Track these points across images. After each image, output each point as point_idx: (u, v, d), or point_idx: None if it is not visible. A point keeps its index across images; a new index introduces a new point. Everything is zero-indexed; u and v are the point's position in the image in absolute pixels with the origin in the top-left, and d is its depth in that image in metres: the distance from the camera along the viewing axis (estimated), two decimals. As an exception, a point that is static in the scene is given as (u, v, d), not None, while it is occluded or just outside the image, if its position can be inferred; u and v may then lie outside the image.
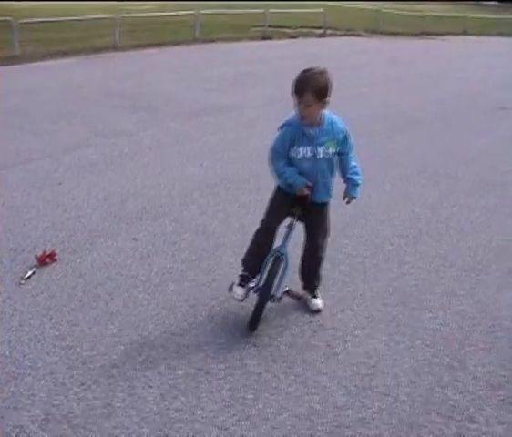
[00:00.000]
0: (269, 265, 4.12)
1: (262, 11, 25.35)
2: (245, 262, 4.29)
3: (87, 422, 3.25)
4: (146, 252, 5.30)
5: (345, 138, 4.10)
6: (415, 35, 29.07)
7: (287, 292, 4.38)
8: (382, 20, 29.70)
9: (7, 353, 3.81)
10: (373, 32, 28.39)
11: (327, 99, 3.92)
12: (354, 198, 4.26)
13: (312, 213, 4.20)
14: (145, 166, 7.63)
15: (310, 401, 3.52)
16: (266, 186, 6.94)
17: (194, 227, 5.86)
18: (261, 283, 4.14)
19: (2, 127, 9.23)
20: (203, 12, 23.61)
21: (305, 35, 25.93)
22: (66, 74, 14.70)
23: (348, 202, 4.28)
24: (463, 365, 3.93)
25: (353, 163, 4.20)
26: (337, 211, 6.26)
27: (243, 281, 4.22)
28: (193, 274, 4.93)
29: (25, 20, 17.94)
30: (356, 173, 4.21)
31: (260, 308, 4.08)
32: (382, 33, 28.38)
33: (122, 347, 3.93)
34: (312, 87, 3.82)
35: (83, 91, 12.38)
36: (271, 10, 25.49)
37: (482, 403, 3.58)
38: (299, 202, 4.14)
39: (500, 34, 31.44)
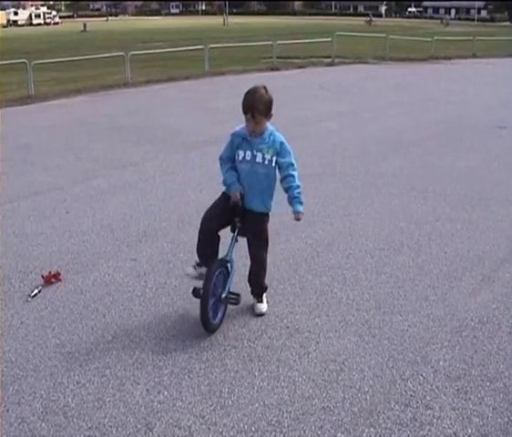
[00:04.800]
0: (210, 272, 4.49)
1: (270, 43, 26.01)
2: (197, 251, 4.88)
3: (80, 414, 3.70)
4: (143, 271, 5.76)
5: (282, 145, 4.64)
6: (424, 60, 29.55)
7: (230, 294, 4.71)
8: (389, 47, 30.20)
9: (13, 359, 4.28)
10: (382, 59, 28.93)
11: (271, 113, 4.61)
12: (300, 212, 4.71)
13: (249, 223, 4.69)
14: (148, 193, 8.12)
15: (280, 393, 3.92)
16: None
17: (189, 247, 6.25)
18: (202, 288, 4.48)
19: (14, 162, 9.85)
20: (212, 46, 24.34)
21: (314, 65, 26.54)
22: (76, 111, 15.40)
23: (297, 219, 4.74)
24: (425, 360, 4.29)
25: (291, 172, 4.66)
26: (325, 229, 6.76)
27: (196, 266, 4.88)
28: (185, 288, 5.33)
29: (39, 61, 18.69)
30: (295, 188, 4.67)
31: (203, 309, 4.43)
32: (390, 59, 28.90)
33: (115, 352, 4.37)
34: (261, 107, 4.50)
35: (92, 127, 13.01)
36: (278, 42, 26.13)
37: (439, 393, 3.94)
38: (236, 212, 4.65)
39: (510, 55, 31.73)
